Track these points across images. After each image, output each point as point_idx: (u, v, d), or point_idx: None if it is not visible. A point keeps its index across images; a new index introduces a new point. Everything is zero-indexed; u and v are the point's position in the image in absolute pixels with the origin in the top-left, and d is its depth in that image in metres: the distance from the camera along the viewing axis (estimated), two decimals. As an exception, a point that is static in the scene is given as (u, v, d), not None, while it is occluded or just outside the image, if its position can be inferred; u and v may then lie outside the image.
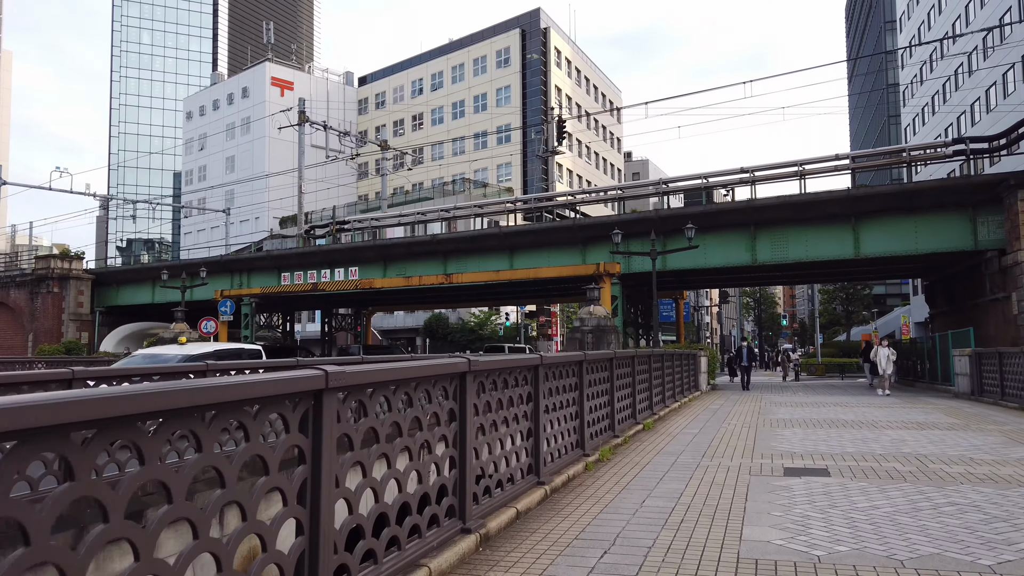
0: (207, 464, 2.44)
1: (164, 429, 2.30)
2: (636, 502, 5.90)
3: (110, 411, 2.01)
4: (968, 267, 24.98)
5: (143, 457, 2.19)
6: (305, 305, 45.80)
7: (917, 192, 23.32)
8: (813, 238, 25.46)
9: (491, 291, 33.99)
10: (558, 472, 6.68)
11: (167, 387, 2.27)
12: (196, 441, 2.44)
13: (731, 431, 10.85)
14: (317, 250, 35.01)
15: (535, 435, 6.06)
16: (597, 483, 6.73)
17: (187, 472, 2.35)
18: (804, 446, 9.15)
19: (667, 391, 14.72)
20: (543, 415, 6.22)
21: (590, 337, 24.23)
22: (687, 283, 34.34)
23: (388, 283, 32.13)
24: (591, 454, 7.82)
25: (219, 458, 2.50)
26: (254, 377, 2.67)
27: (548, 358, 6.48)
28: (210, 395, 2.40)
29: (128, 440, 2.16)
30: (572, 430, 7.51)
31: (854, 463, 7.78)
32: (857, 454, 8.43)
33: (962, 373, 18.86)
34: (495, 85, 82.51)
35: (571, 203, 29.91)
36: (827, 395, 20.55)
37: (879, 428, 11.14)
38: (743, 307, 72.79)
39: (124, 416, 2.07)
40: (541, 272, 28.79)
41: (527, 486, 5.79)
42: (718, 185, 27.20)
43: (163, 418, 2.28)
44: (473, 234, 31.15)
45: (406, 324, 75.83)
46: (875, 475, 7.06)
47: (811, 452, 8.61)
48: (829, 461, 7.94)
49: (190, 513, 2.34)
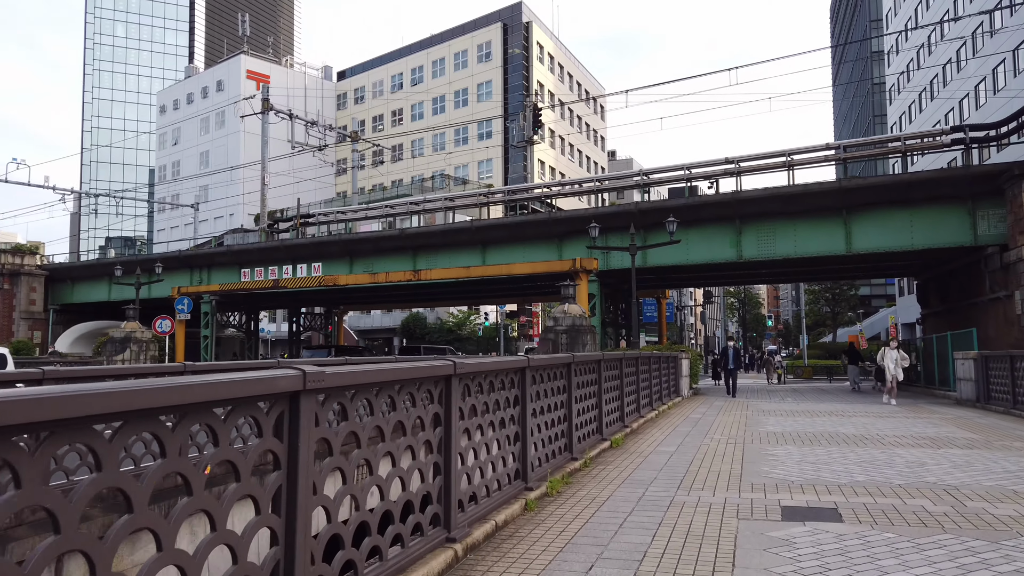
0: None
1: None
2: (579, 572, 4.17)
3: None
4: (966, 264, 23.54)
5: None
6: (271, 303, 43.76)
7: (913, 183, 21.83)
8: (802, 233, 23.92)
9: (463, 289, 32.20)
10: (483, 518, 4.93)
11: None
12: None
13: (714, 449, 9.16)
14: (280, 245, 33.04)
15: (445, 470, 4.32)
16: (533, 533, 4.98)
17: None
18: (803, 472, 7.46)
19: (643, 398, 13.04)
20: (457, 441, 4.51)
21: (564, 338, 22.54)
22: (669, 281, 32.77)
23: (353, 280, 30.26)
24: (535, 487, 6.09)
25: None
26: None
27: (467, 365, 4.72)
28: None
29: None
30: (511, 457, 5.77)
31: (869, 499, 6.09)
32: (870, 484, 6.74)
33: (965, 378, 17.33)
34: (476, 80, 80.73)
35: (546, 195, 28.20)
36: (819, 401, 18.96)
37: (888, 446, 9.49)
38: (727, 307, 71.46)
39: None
40: (514, 268, 27.06)
41: (427, 546, 4.05)
42: (701, 177, 25.59)
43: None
44: (444, 228, 29.36)
45: (383, 324, 73.74)
46: (901, 519, 5.37)
47: (812, 481, 6.92)
48: (837, 495, 6.24)
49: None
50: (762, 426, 12.01)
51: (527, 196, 28.75)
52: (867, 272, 28.69)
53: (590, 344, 22.54)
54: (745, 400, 19.10)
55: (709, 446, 9.43)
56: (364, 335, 75.77)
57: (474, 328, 65.56)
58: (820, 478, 7.08)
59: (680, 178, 25.73)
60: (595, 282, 26.81)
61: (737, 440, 10.09)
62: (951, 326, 25.08)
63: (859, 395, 22.62)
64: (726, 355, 20.21)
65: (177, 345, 34.79)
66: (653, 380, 14.44)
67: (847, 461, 8.12)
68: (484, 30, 78.89)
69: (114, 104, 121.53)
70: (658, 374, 15.27)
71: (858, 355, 27.85)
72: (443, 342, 64.75)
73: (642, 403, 12.80)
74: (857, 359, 27.40)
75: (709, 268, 26.95)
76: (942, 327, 26.97)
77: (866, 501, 6.01)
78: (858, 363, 27.31)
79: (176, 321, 34.84)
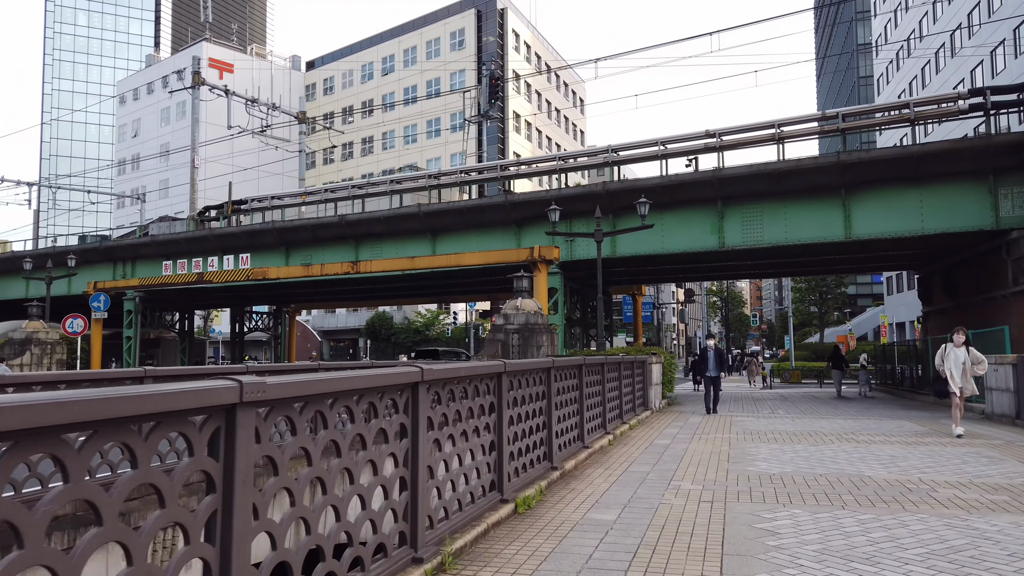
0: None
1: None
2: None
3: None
4: (981, 253, 20.36)
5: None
6: (210, 301, 39.86)
7: (925, 157, 18.57)
8: (794, 216, 20.63)
9: (412, 284, 28.59)
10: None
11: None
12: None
13: (679, 516, 5.72)
14: (208, 234, 29.26)
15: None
16: None
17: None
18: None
19: (591, 419, 9.60)
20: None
21: (516, 338, 19.08)
22: (644, 275, 29.38)
23: (285, 273, 26.59)
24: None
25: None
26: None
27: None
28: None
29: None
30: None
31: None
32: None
33: (998, 388, 14.06)
34: (449, 69, 77.24)
35: (502, 177, 24.72)
36: (818, 415, 15.61)
37: (957, 509, 6.07)
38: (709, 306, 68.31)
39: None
40: (464, 259, 23.54)
41: None
42: (679, 154, 22.22)
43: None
44: (389, 214, 25.78)
45: (348, 324, 69.75)
46: None
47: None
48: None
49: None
50: (751, 462, 8.58)
51: (481, 178, 25.26)
52: (866, 264, 25.50)
53: (546, 346, 19.09)
54: (728, 415, 15.69)
55: (672, 510, 5.96)
56: (329, 336, 71.79)
57: (443, 328, 61.87)
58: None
59: (654, 155, 22.35)
60: (557, 274, 23.38)
61: (716, 494, 6.65)
62: (961, 324, 21.91)
63: (854, 404, 19.36)
64: (706, 358, 16.63)
65: (93, 348, 30.96)
66: (609, 394, 10.99)
67: (904, 552, 4.67)
68: (458, 16, 75.55)
69: (75, 96, 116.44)
70: (616, 384, 11.83)
71: (842, 359, 25.67)
72: (409, 343, 60.98)
73: (589, 427, 9.35)
74: (841, 363, 25.16)
75: (688, 258, 23.61)
76: (950, 326, 23.73)
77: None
78: (842, 367, 25.10)
79: (93, 320, 31.07)
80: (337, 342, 72.54)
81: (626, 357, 12.88)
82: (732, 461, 8.62)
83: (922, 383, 21.74)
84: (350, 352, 69.58)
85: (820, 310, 54.98)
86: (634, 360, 13.66)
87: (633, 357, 13.82)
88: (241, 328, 39.28)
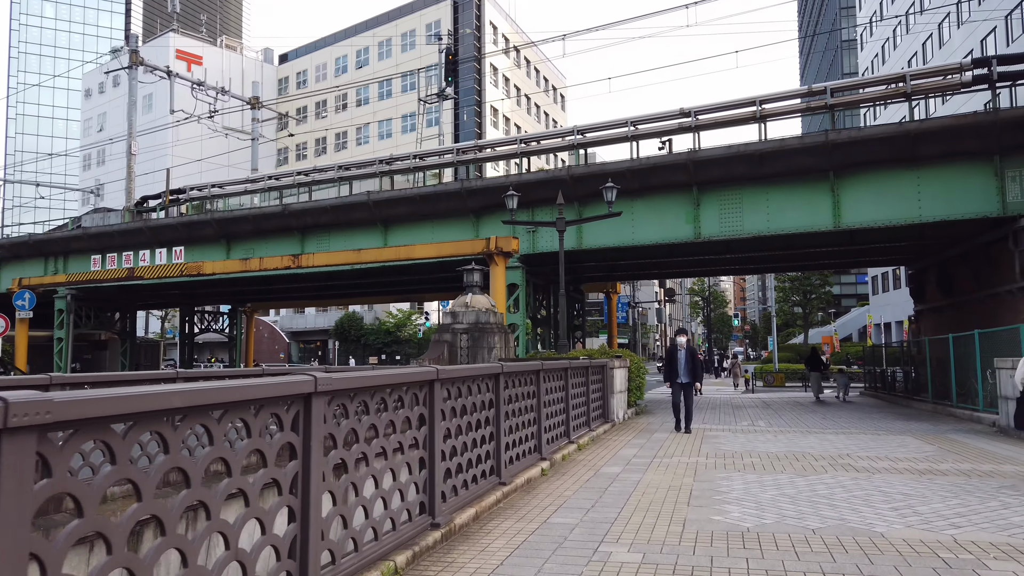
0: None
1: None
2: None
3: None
4: (983, 244, 18.38)
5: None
6: (157, 300, 37.23)
7: (922, 135, 16.53)
8: (777, 203, 18.54)
9: (361, 280, 26.21)
10: None
11: None
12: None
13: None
14: (143, 226, 26.74)
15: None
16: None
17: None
18: None
19: (517, 445, 7.36)
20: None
21: (464, 339, 16.81)
22: (617, 271, 27.21)
23: (221, 268, 24.14)
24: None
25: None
26: None
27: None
28: None
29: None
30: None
31: None
32: None
33: (1014, 397, 11.98)
34: (424, 63, 74.76)
35: (460, 163, 22.46)
36: (807, 428, 13.48)
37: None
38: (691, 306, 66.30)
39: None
40: (414, 251, 21.25)
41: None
42: (651, 135, 20.08)
43: None
44: (335, 203, 23.44)
45: (317, 325, 67.02)
46: None
47: None
48: None
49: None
50: (719, 506, 6.38)
51: (438, 163, 22.96)
52: (855, 259, 23.47)
53: (499, 348, 16.83)
54: (701, 428, 13.50)
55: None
56: (297, 337, 69.09)
57: (415, 330, 59.43)
58: None
59: (624, 136, 20.18)
60: (518, 269, 21.16)
61: (660, 572, 4.42)
62: (958, 324, 19.94)
63: (843, 413, 17.29)
64: (674, 360, 12.84)
65: (17, 349, 28.35)
66: (549, 408, 8.76)
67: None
68: (434, 8, 73.21)
69: (41, 90, 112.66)
70: (562, 396, 9.61)
71: (820, 361, 23.74)
72: (380, 344, 58.56)
73: (512, 455, 7.11)
74: (819, 365, 23.24)
75: (661, 250, 21.48)
76: (945, 325, 21.84)
77: None
78: (820, 369, 23.15)
79: (18, 320, 28.47)
80: (307, 343, 69.87)
81: (576, 362, 10.66)
82: (694, 503, 6.42)
83: (917, 388, 19.72)
84: (319, 354, 66.95)
85: (804, 310, 53.15)
86: (588, 365, 11.43)
87: (588, 361, 11.60)
88: (191, 329, 36.68)
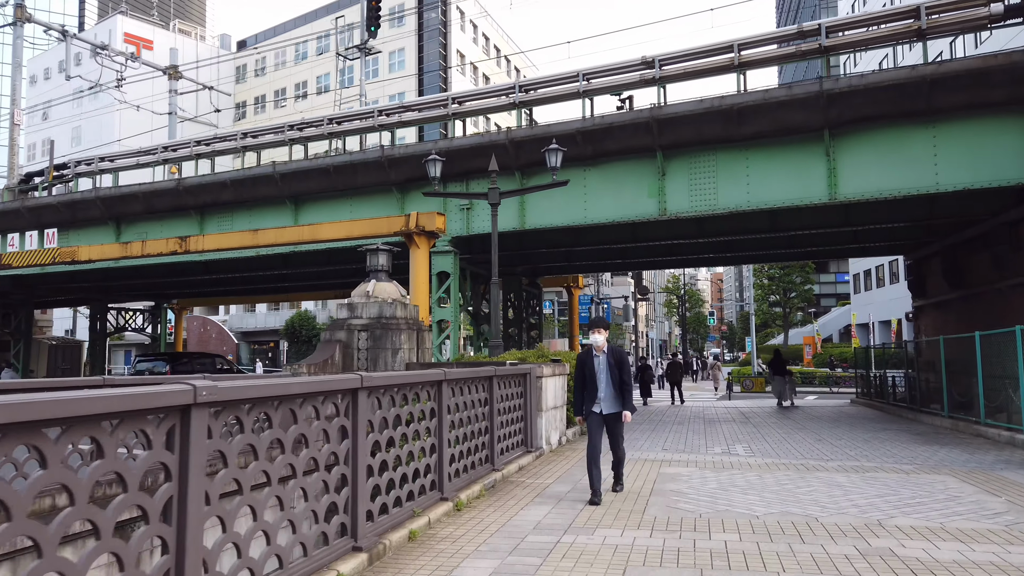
0: None
1: None
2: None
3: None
4: (1007, 224, 15.06)
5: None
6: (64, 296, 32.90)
7: (940, 81, 13.13)
8: (758, 171, 15.04)
9: (267, 270, 22.34)
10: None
11: None
12: None
13: None
14: (20, 206, 22.66)
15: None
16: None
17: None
18: None
19: (274, 546, 3.71)
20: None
21: (363, 338, 13.10)
22: (574, 259, 23.50)
23: (99, 254, 20.16)
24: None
25: None
26: None
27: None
28: None
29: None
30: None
31: None
32: None
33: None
34: (387, 48, 70.62)
35: (382, 127, 18.74)
36: (801, 456, 9.94)
37: None
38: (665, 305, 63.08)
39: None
40: (320, 232, 17.46)
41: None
42: (607, 89, 16.50)
43: None
44: (235, 176, 19.61)
45: (268, 324, 62.65)
46: None
47: None
48: None
49: None
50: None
51: (354, 127, 19.23)
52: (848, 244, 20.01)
53: (406, 350, 13.13)
54: (654, 460, 9.89)
55: None
56: (247, 337, 64.74)
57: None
58: None
59: (575, 92, 16.58)
60: (448, 253, 17.48)
61: None
62: (968, 320, 16.63)
63: (844, 435, 13.83)
64: (588, 373, 7.05)
65: None
66: (383, 456, 5.11)
67: None
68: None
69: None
70: (434, 423, 5.95)
71: (784, 363, 21.12)
72: (332, 345, 54.68)
73: (322, 542, 3.46)
74: (784, 369, 20.67)
75: (621, 231, 17.93)
76: (951, 323, 18.56)
77: None
78: (785, 373, 20.57)
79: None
80: (259, 344, 65.48)
81: (463, 372, 7.02)
82: None
83: (926, 398, 16.34)
84: (269, 356, 62.65)
85: (784, 309, 50.17)
86: (492, 375, 7.80)
87: (492, 369, 7.96)
88: (103, 328, 32.51)
